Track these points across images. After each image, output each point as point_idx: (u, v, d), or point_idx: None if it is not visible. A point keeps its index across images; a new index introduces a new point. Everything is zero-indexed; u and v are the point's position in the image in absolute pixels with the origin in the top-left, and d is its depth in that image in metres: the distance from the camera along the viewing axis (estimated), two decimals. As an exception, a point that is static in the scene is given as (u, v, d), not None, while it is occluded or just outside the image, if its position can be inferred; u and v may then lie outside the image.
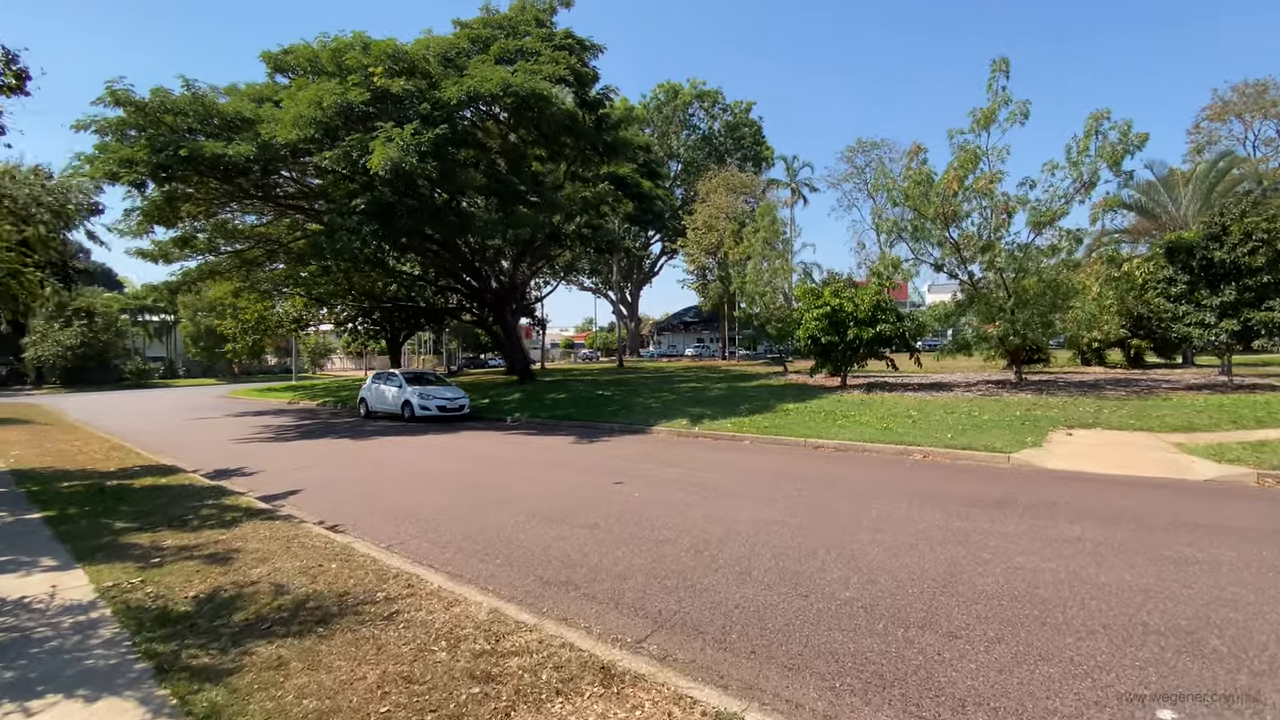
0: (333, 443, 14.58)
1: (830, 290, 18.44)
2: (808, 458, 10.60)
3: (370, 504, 8.12)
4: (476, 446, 13.28)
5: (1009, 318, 16.84)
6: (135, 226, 18.25)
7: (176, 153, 15.22)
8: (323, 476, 10.30)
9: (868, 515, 6.60)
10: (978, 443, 10.46)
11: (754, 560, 5.32)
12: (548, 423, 17.17)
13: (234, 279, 31.40)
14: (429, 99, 15.58)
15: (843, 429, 12.46)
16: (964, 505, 6.94)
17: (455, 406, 18.72)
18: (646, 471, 9.48)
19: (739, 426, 13.62)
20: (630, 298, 66.37)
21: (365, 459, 12.03)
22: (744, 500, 7.43)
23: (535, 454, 11.91)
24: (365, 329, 48.71)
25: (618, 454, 11.46)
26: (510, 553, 5.86)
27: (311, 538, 6.23)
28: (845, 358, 18.66)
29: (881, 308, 18.09)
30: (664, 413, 16.19)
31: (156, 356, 69.88)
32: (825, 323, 17.91)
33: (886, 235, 17.66)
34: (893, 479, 8.53)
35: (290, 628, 4.06)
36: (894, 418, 13.21)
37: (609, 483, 8.66)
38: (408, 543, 6.38)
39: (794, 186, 54.77)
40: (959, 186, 15.30)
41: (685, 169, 61.14)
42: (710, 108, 63.47)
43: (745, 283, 27.69)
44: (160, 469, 10.97)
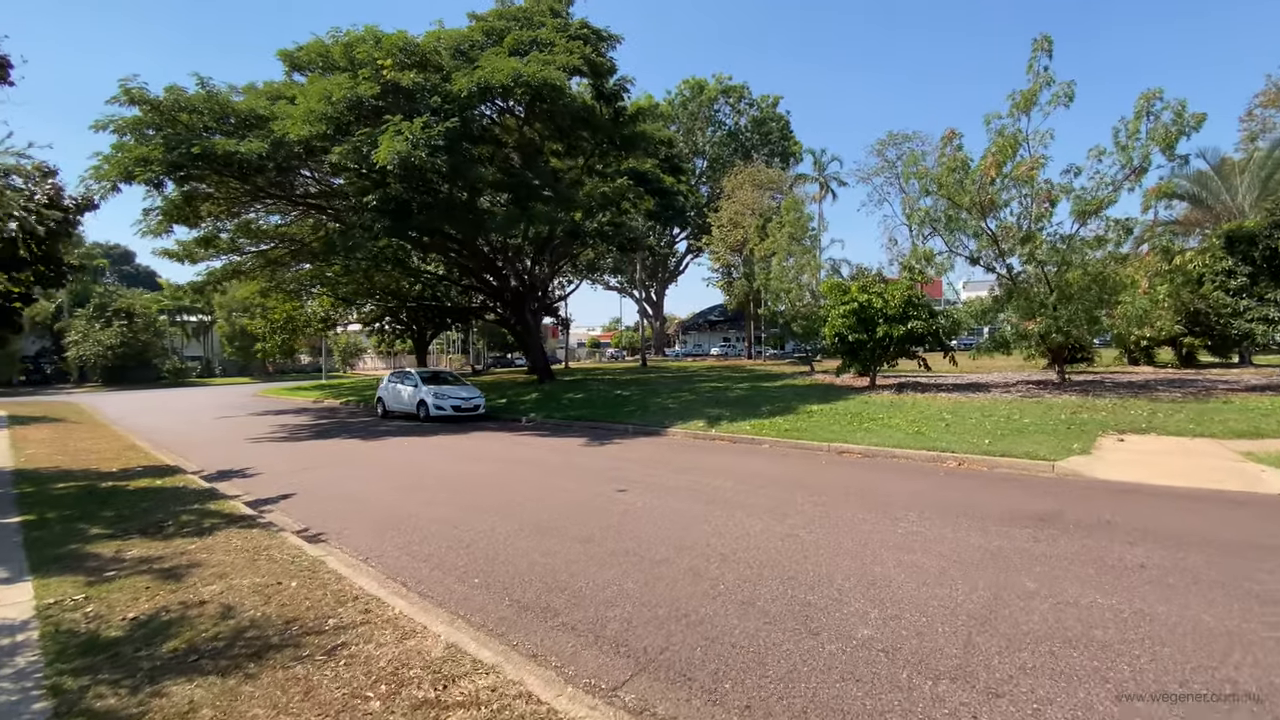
0: (342, 443, 14.31)
1: (858, 285, 17.53)
2: (830, 464, 9.86)
3: (361, 510, 7.69)
4: (485, 448, 12.83)
5: (1051, 314, 15.74)
6: (155, 226, 18.31)
7: (189, 150, 15.13)
8: (322, 479, 9.95)
9: (894, 533, 5.87)
10: (1018, 449, 9.58)
11: (759, 586, 4.67)
12: (562, 423, 16.67)
13: (260, 279, 31.75)
14: (440, 92, 15.21)
15: (869, 433, 11.66)
16: (1004, 522, 6.17)
17: (470, 406, 18.37)
18: (654, 478, 8.86)
19: (758, 429, 12.90)
20: (655, 297, 65.75)
21: (370, 460, 11.67)
22: (755, 513, 6.76)
23: (542, 456, 11.39)
24: (392, 328, 49.18)
25: (627, 457, 10.87)
26: (491, 570, 5.32)
27: (283, 550, 5.79)
28: (874, 357, 17.75)
29: (913, 304, 17.13)
30: (681, 414, 15.54)
31: (194, 356, 71.78)
32: (853, 320, 17.03)
33: (918, 227, 16.68)
34: (923, 490, 7.76)
35: (219, 662, 3.56)
36: (926, 421, 12.34)
37: (612, 490, 8.08)
38: (387, 555, 5.89)
39: (822, 181, 53.47)
40: (997, 173, 14.27)
41: (711, 166, 60.20)
42: (736, 103, 62.42)
43: (770, 279, 26.85)
44: (163, 469, 10.77)
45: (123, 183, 15.84)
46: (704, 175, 61.18)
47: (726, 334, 70.55)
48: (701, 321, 71.52)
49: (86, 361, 54.11)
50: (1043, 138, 15.53)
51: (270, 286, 31.52)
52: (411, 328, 47.57)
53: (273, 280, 31.19)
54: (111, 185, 15.92)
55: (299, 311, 42.06)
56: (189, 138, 15.43)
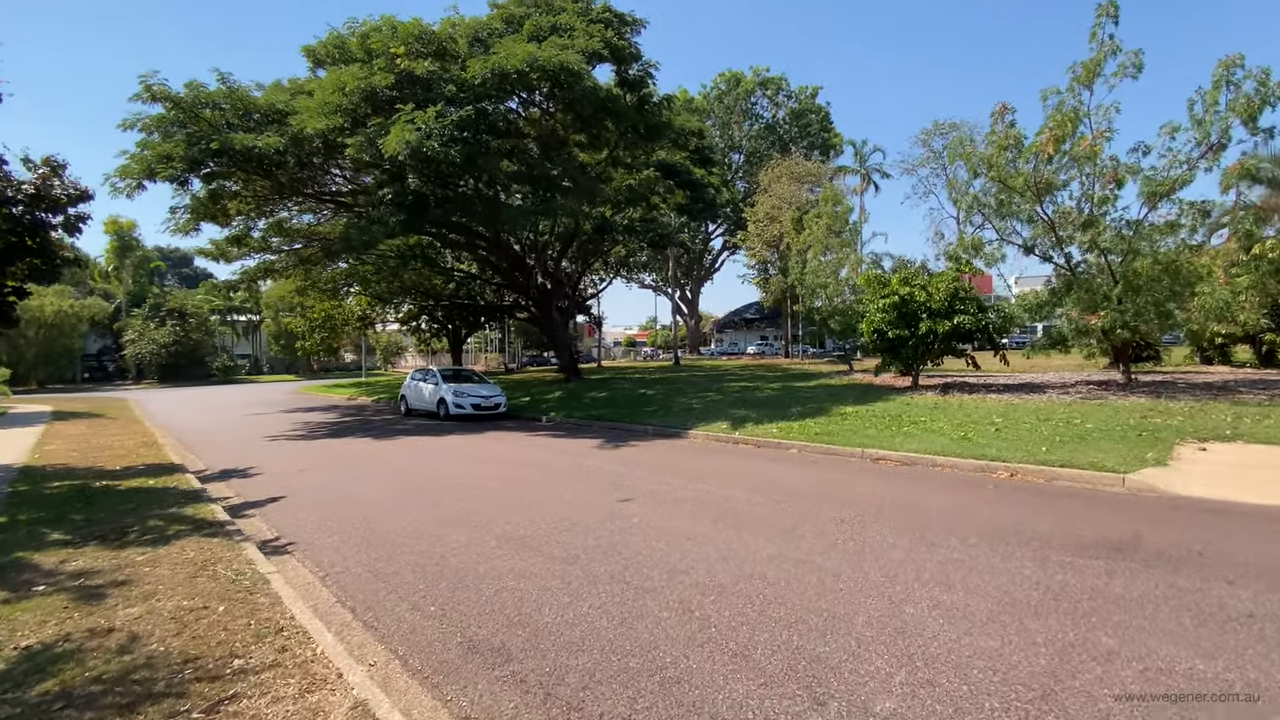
0: (355, 442, 13.95)
1: (899, 278, 16.28)
2: (862, 473, 8.86)
3: (344, 516, 7.12)
4: (494, 450, 12.24)
5: (1116, 307, 14.25)
6: (183, 224, 18.44)
7: (208, 146, 15.06)
8: (319, 481, 9.49)
9: (931, 562, 4.92)
10: (1081, 458, 8.40)
11: (759, 631, 3.82)
12: (581, 423, 16.00)
13: (295, 277, 32.19)
14: (456, 81, 14.71)
15: (909, 438, 10.57)
16: (1068, 550, 5.14)
17: (490, 405, 17.89)
18: (663, 486, 8.05)
19: (786, 432, 11.93)
20: (690, 295, 64.70)
21: (375, 462, 11.21)
22: (768, 532, 5.88)
23: (551, 460, 10.71)
24: (428, 327, 49.60)
25: (639, 462, 10.08)
26: (455, 595, 4.61)
27: (234, 565, 5.22)
28: (916, 355, 16.48)
29: (960, 297, 15.80)
30: (705, 415, 14.66)
31: (244, 354, 74.26)
32: (893, 314, 15.81)
33: (966, 214, 15.35)
34: (969, 506, 6.73)
35: (83, 715, 2.94)
36: (973, 425, 11.16)
37: (614, 500, 7.30)
38: (348, 572, 5.26)
39: (864, 173, 51.43)
40: (1055, 150, 12.87)
41: (748, 160, 58.78)
42: (774, 95, 60.77)
43: (805, 274, 25.63)
44: (166, 468, 10.52)
45: (147, 180, 15.93)
46: (741, 170, 59.84)
47: (764, 332, 68.97)
48: (737, 319, 70.11)
49: (142, 359, 56.37)
50: (1107, 112, 14.02)
51: (306, 285, 31.90)
52: (446, 326, 47.90)
53: (308, 279, 31.56)
54: (136, 183, 16.03)
55: (337, 310, 42.74)
56: (209, 134, 15.36)
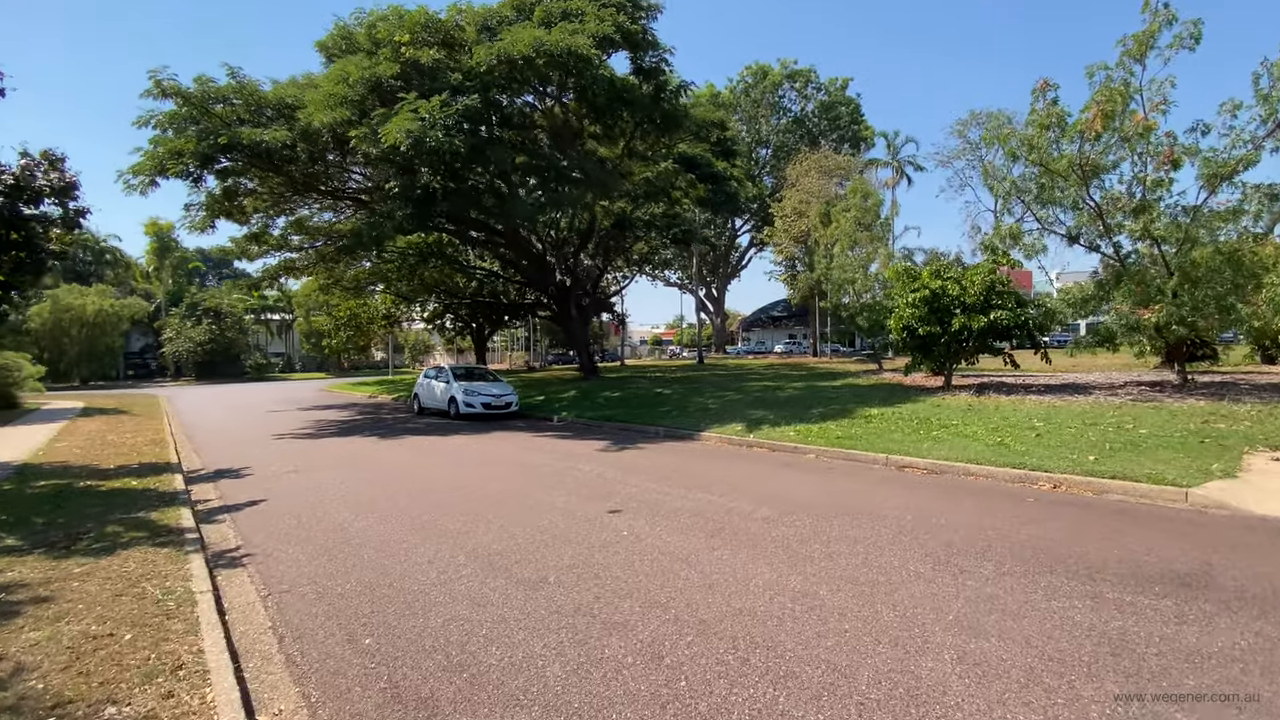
0: (359, 442, 13.58)
1: (930, 270, 15.25)
2: (885, 483, 8.03)
3: (316, 523, 6.63)
4: (496, 450, 11.70)
5: (1171, 301, 13.04)
6: (199, 221, 18.40)
7: (216, 141, 14.89)
8: (308, 483, 9.06)
9: (958, 598, 4.14)
10: (1136, 469, 7.45)
11: (737, 687, 3.12)
12: (592, 424, 15.40)
13: (318, 275, 32.35)
14: (462, 69, 14.23)
15: (939, 443, 9.68)
16: (1125, 584, 4.30)
17: (501, 404, 17.43)
18: (661, 495, 7.37)
19: (804, 435, 11.12)
20: (716, 293, 63.71)
21: (372, 462, 10.77)
22: (769, 553, 5.16)
23: (550, 463, 10.11)
24: (454, 325, 49.71)
25: (641, 467, 9.41)
26: (398, 624, 4.02)
27: (171, 580, 4.73)
28: (949, 353, 15.44)
29: (997, 290, 14.71)
30: (720, 416, 13.92)
31: (278, 352, 75.75)
32: (923, 310, 14.81)
33: (1003, 201, 14.26)
34: (1005, 525, 5.88)
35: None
36: (1011, 429, 10.20)
37: (604, 511, 6.65)
38: (293, 591, 4.73)
39: (896, 165, 49.77)
40: (1103, 127, 11.74)
41: (775, 155, 57.52)
42: (803, 88, 59.36)
43: (832, 269, 24.62)
44: (158, 468, 10.24)
45: (158, 177, 15.88)
46: (768, 165, 58.61)
47: (791, 330, 67.52)
48: (764, 317, 68.80)
49: (180, 358, 57.86)
50: (1161, 86, 12.82)
51: (329, 283, 32.05)
52: (470, 325, 47.93)
53: (330, 277, 31.69)
54: (149, 180, 15.98)
55: (363, 309, 43.10)
56: (219, 129, 15.20)
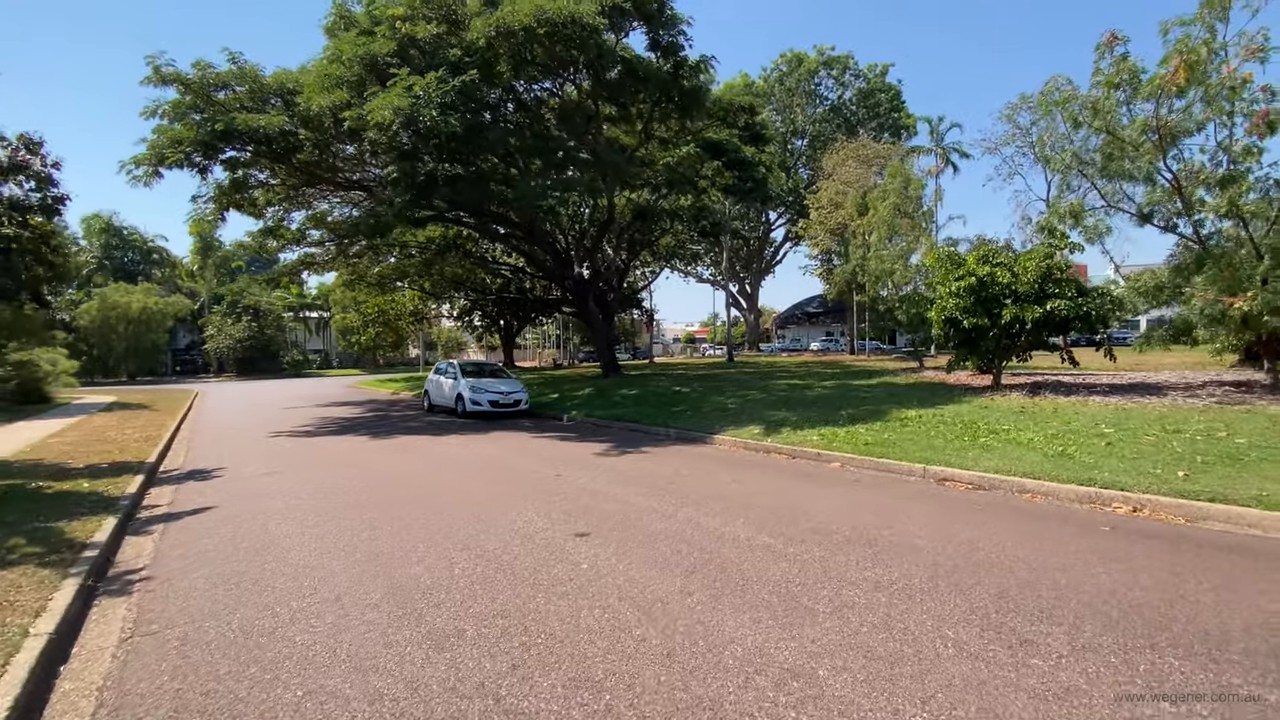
0: (350, 441, 12.82)
1: (976, 255, 13.64)
2: (920, 500, 6.71)
3: (246, 541, 5.73)
4: (486, 454, 10.73)
5: (1263, 288, 11.21)
6: (208, 214, 18.04)
7: (213, 128, 14.37)
8: (270, 488, 8.23)
9: (1019, 693, 2.87)
10: (1240, 489, 5.96)
11: None
12: (601, 424, 14.35)
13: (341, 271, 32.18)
14: (462, 44, 13.32)
15: (987, 451, 8.26)
16: (1266, 675, 2.97)
17: (509, 402, 16.52)
18: (647, 514, 6.22)
19: (829, 440, 9.80)
20: (750, 289, 61.94)
21: (354, 464, 9.93)
22: (761, 602, 3.97)
23: (538, 468, 9.06)
24: (484, 322, 49.43)
25: (638, 475, 8.28)
26: (235, 704, 3.00)
27: (17, 613, 3.85)
28: (998, 348, 13.80)
29: (1053, 278, 13.02)
30: (738, 417, 12.67)
31: (316, 349, 77.17)
32: (969, 300, 13.22)
33: (1062, 175, 12.59)
34: (1076, 565, 4.54)
35: None
36: (1075, 436, 8.69)
37: (570, 533, 5.54)
38: (157, 635, 3.78)
39: (940, 152, 47.08)
40: (1187, 80, 9.99)
41: (811, 144, 55.48)
42: (840, 75, 57.15)
43: (868, 259, 22.98)
44: (123, 468, 9.55)
45: (159, 167, 15.47)
46: (804, 156, 56.61)
47: (829, 327, 65.27)
48: (799, 314, 66.71)
49: (222, 354, 59.28)
50: (1252, 40, 11.00)
51: (353, 279, 31.85)
52: (498, 321, 47.53)
53: (354, 273, 31.48)
54: (152, 170, 15.60)
55: (391, 305, 43.04)
56: (218, 116, 14.68)
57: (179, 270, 69.04)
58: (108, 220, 62.32)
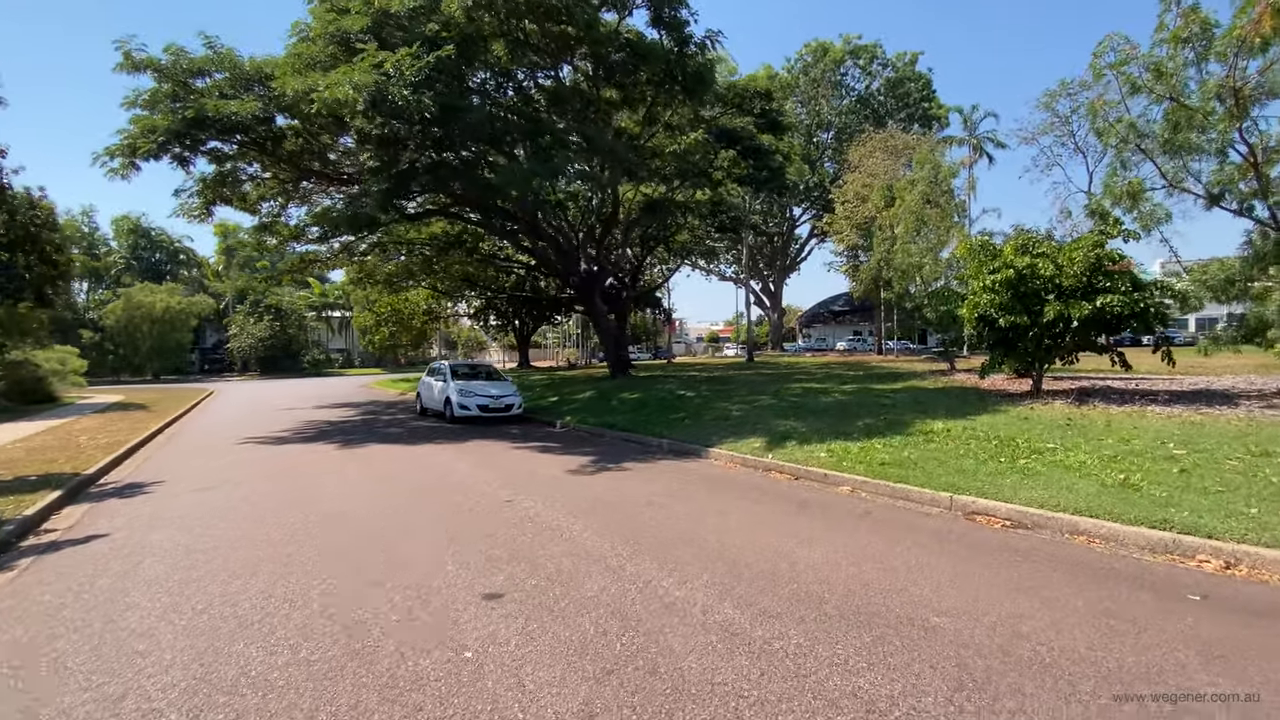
0: (315, 451, 11.80)
1: (1014, 245, 12.03)
2: (944, 546, 5.33)
3: (86, 588, 4.65)
4: (448, 468, 9.57)
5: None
6: (192, 208, 17.29)
7: (184, 115, 13.54)
8: (186, 510, 7.19)
9: None
10: (1381, 544, 4.46)
11: None
12: (593, 432, 13.17)
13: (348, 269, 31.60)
14: (441, 17, 12.23)
15: (1029, 478, 6.80)
16: None
17: (500, 406, 15.41)
18: (588, 565, 4.95)
19: (839, 458, 8.42)
20: (773, 286, 60.13)
21: (295, 481, 8.88)
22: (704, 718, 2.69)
23: (492, 491, 7.85)
24: (498, 321, 48.69)
25: (605, 502, 7.02)
26: None
27: None
28: (1038, 349, 12.18)
29: (1103, 270, 11.37)
30: (740, 427, 11.32)
31: (339, 348, 77.59)
32: (1005, 295, 11.63)
33: (1115, 151, 10.94)
34: (1165, 667, 3.15)
35: None
36: (1138, 460, 7.16)
37: (478, 595, 4.30)
38: None
39: (974, 142, 44.76)
40: (1274, 29, 8.30)
41: (837, 137, 53.48)
42: (868, 64, 55.01)
43: (894, 252, 21.33)
44: (50, 480, 8.63)
45: (135, 158, 14.72)
46: (829, 149, 54.66)
47: (856, 326, 63.12)
48: (824, 312, 64.63)
49: (245, 353, 59.73)
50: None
51: (360, 277, 31.22)
52: (513, 321, 46.70)
53: (360, 271, 30.83)
54: (127, 161, 14.88)
55: (405, 304, 42.46)
56: (191, 103, 13.86)
57: (205, 270, 69.94)
58: (136, 221, 63.38)
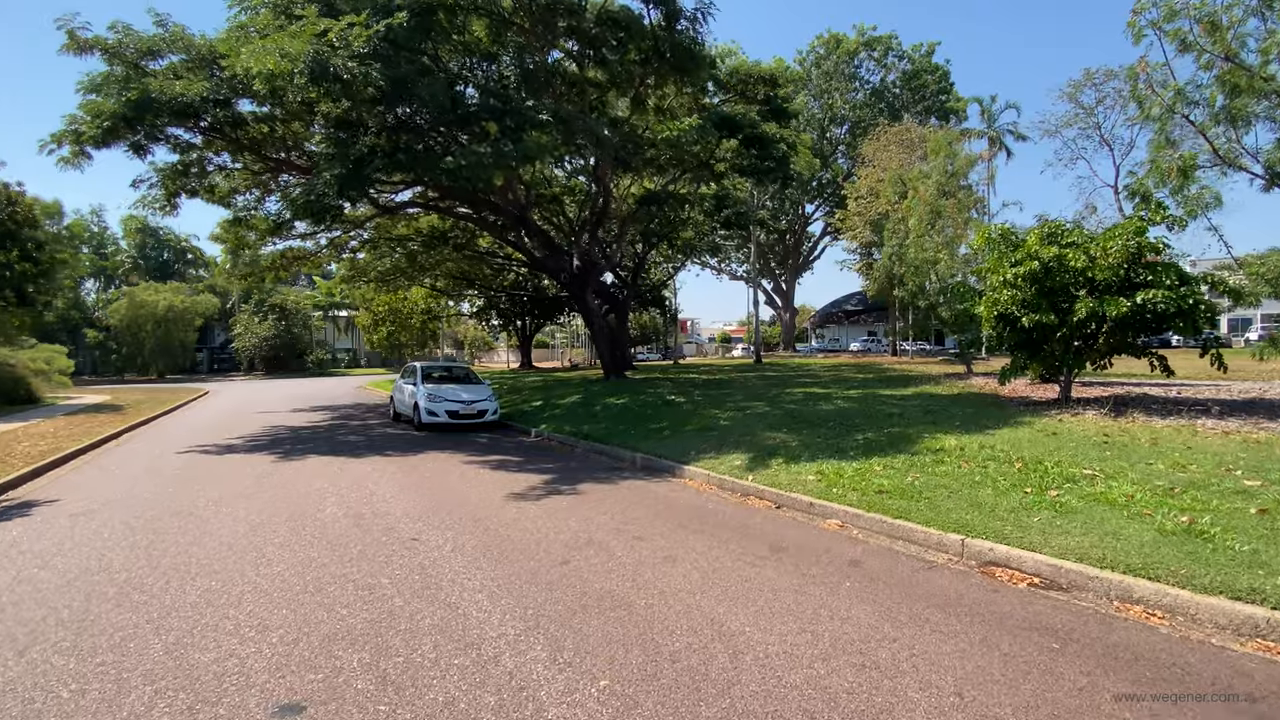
0: (243, 464, 10.61)
1: (1039, 234, 10.56)
2: (954, 619, 3.96)
3: None
4: (370, 492, 8.34)
5: None
6: (152, 200, 16.24)
7: (128, 98, 12.51)
8: (42, 539, 6.06)
9: None
10: None
11: None
12: (565, 442, 11.94)
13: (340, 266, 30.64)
14: (397, -18, 11.04)
15: (1061, 516, 5.39)
16: None
17: (471, 413, 14.19)
18: (449, 657, 3.69)
19: (830, 482, 7.06)
20: (785, 286, 58.52)
21: (208, 499, 7.71)
22: None
23: (400, 525, 6.61)
24: (500, 320, 47.67)
25: (532, 541, 5.74)
26: None
27: None
28: (1067, 352, 10.70)
29: (1145, 262, 9.87)
30: (726, 438, 9.98)
31: (346, 348, 77.17)
32: (1029, 290, 10.16)
33: (1159, 125, 9.43)
34: None
35: None
36: (1201, 493, 5.71)
37: (271, 708, 3.05)
38: None
39: (993, 135, 42.91)
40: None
41: (851, 131, 51.82)
42: (882, 56, 53.27)
43: (906, 246, 19.83)
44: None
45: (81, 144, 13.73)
46: (842, 144, 53.00)
47: (871, 326, 61.23)
48: (837, 312, 62.85)
49: (250, 352, 59.31)
50: None
51: (351, 275, 30.25)
52: (515, 321, 45.66)
53: (351, 269, 29.86)
54: (77, 149, 13.91)
55: (403, 303, 41.53)
56: (135, 84, 12.81)
57: (214, 269, 69.76)
58: (143, 221, 63.30)
